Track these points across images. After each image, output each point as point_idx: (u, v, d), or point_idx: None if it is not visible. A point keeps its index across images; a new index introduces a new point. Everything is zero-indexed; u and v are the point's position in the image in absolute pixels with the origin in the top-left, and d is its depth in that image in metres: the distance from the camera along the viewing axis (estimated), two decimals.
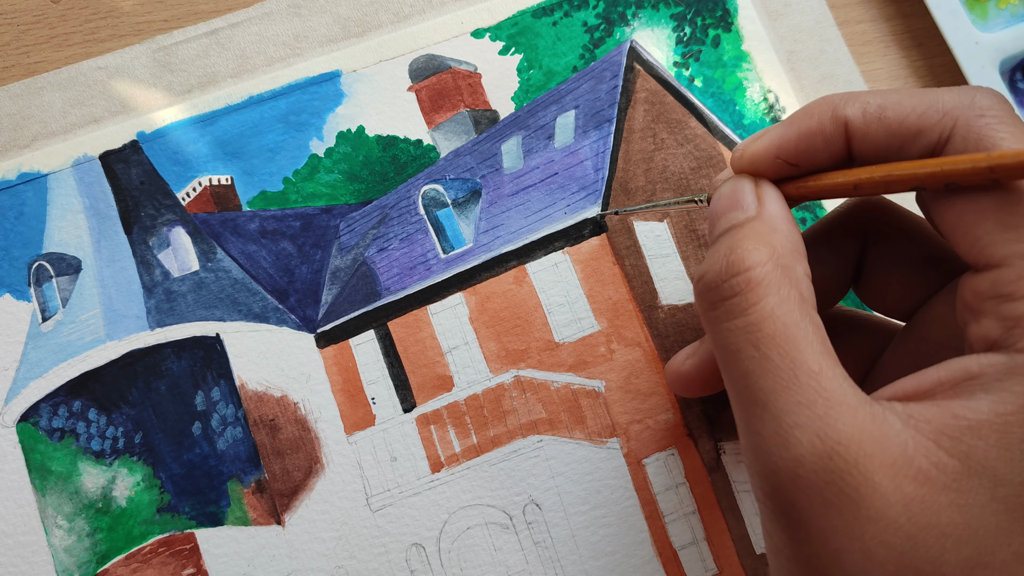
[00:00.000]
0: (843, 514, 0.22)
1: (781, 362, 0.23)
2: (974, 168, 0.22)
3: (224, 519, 0.34)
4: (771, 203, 0.26)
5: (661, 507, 0.35)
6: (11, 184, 0.36)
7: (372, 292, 0.37)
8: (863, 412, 0.22)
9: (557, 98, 0.38)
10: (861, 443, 0.22)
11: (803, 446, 0.22)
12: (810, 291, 0.25)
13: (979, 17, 0.40)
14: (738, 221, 0.26)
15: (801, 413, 0.22)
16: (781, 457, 0.23)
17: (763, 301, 0.24)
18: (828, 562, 0.22)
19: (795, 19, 0.40)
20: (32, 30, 0.38)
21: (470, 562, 0.34)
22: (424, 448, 0.35)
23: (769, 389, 0.23)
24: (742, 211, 0.26)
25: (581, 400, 0.36)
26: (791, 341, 0.23)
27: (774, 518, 0.24)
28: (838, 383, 0.23)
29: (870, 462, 0.22)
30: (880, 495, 0.22)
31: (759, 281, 0.24)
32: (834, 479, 0.22)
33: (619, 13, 0.40)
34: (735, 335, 0.24)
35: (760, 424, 0.23)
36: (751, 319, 0.24)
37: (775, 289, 0.24)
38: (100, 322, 0.35)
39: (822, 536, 0.22)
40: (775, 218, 0.26)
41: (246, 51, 0.38)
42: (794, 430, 0.22)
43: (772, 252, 0.24)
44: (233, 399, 0.35)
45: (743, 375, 0.24)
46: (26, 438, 0.34)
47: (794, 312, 0.23)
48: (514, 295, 0.36)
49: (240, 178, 0.37)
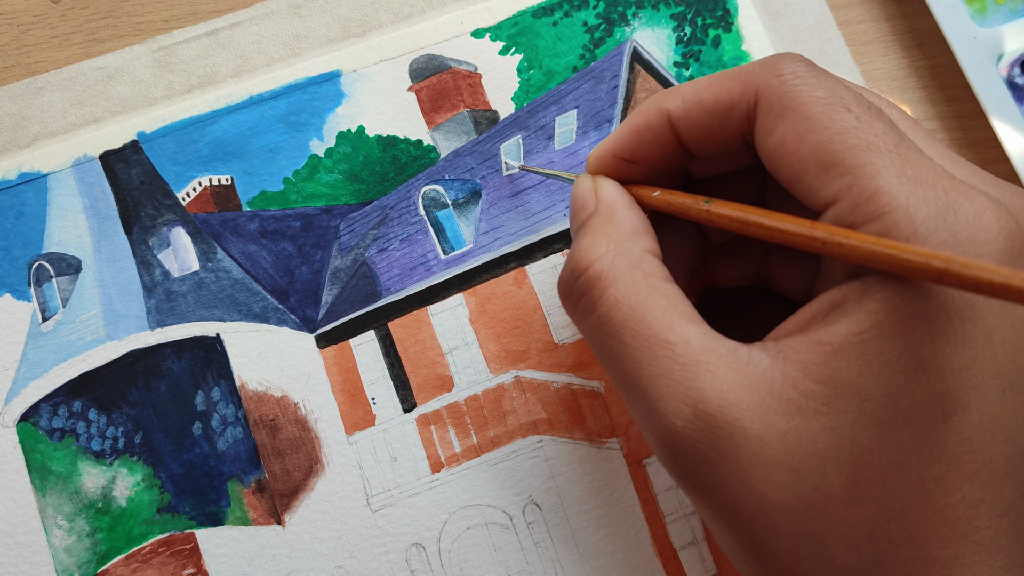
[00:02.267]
0: (725, 465, 0.23)
1: (634, 343, 0.24)
2: (808, 237, 0.23)
3: (224, 519, 0.34)
4: (606, 194, 0.28)
5: (661, 507, 0.35)
6: (11, 184, 0.36)
7: (372, 292, 0.37)
8: (724, 363, 0.23)
9: (557, 98, 0.38)
10: (723, 393, 0.23)
11: (671, 414, 0.23)
12: (654, 264, 0.26)
13: (977, 12, 0.40)
14: (582, 220, 0.28)
15: (662, 384, 0.24)
16: (657, 428, 0.24)
17: (606, 292, 0.25)
18: (729, 512, 0.23)
19: (795, 19, 0.40)
20: (32, 30, 0.38)
21: (470, 562, 0.34)
22: (424, 448, 0.35)
23: (632, 370, 0.24)
24: (584, 210, 0.28)
25: (581, 400, 0.36)
26: (640, 320, 0.24)
27: (679, 484, 0.25)
28: (694, 344, 0.24)
29: (736, 409, 0.23)
30: (754, 436, 0.22)
31: (598, 275, 0.25)
32: (706, 436, 0.23)
33: (619, 13, 0.40)
34: (594, 330, 0.26)
35: (635, 404, 0.25)
36: (600, 312, 0.25)
37: (614, 278, 0.25)
38: (100, 322, 0.35)
39: (716, 491, 0.23)
40: (610, 206, 0.27)
41: (246, 51, 0.38)
42: (660, 401, 0.24)
43: (608, 242, 0.26)
44: (233, 399, 0.35)
45: (610, 364, 0.25)
46: (26, 438, 0.34)
47: (638, 292, 0.25)
48: (514, 296, 0.36)
49: (240, 178, 0.37)
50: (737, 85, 0.26)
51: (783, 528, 0.22)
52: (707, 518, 0.25)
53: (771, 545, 0.23)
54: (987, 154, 0.39)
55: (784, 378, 0.23)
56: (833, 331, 0.23)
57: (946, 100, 0.40)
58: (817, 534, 0.22)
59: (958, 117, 0.40)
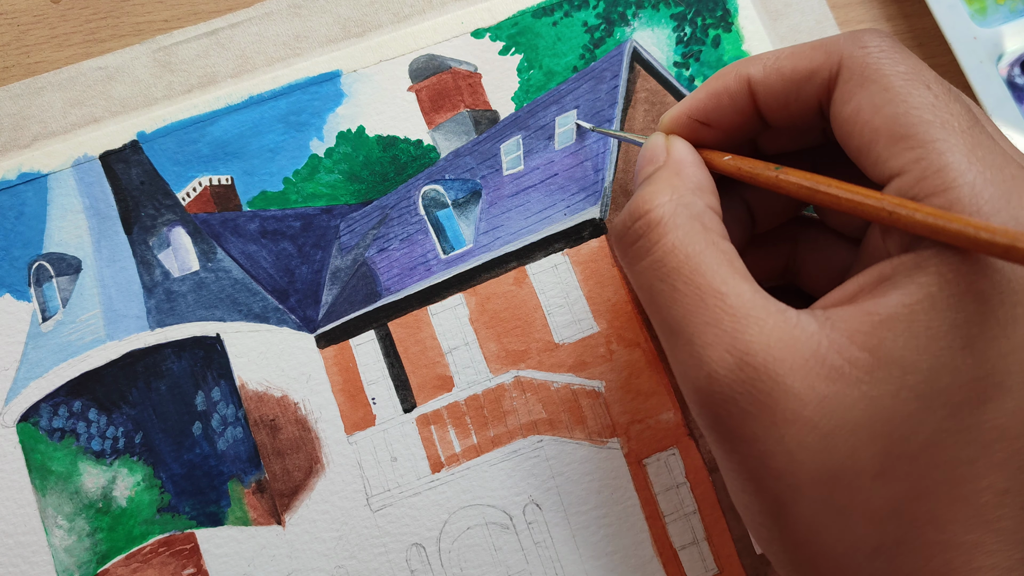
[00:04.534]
0: (761, 419, 0.23)
1: (687, 289, 0.24)
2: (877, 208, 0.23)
3: (224, 519, 0.34)
4: (676, 151, 0.28)
5: (661, 507, 0.35)
6: (11, 184, 0.36)
7: (372, 292, 0.37)
8: (773, 320, 0.23)
9: (557, 98, 0.38)
10: (769, 348, 0.23)
11: (714, 362, 0.23)
12: (714, 221, 0.26)
13: (978, 12, 0.40)
14: (648, 172, 0.28)
15: (709, 332, 0.24)
16: (698, 376, 0.24)
17: (664, 238, 0.25)
18: (756, 467, 0.23)
19: (795, 19, 0.40)
20: (32, 30, 0.38)
21: (470, 562, 0.34)
22: (424, 448, 0.35)
23: (680, 316, 0.24)
24: (653, 163, 0.28)
25: (581, 400, 0.36)
26: (695, 269, 0.24)
27: (709, 436, 0.25)
28: (746, 299, 0.24)
29: (780, 366, 0.23)
30: (793, 396, 0.22)
31: (658, 220, 0.26)
32: (747, 388, 0.23)
33: (619, 13, 0.40)
34: (646, 274, 0.26)
35: (678, 351, 0.25)
36: (655, 256, 0.25)
37: (674, 225, 0.25)
38: (100, 322, 0.35)
39: (746, 444, 0.23)
40: (679, 162, 0.28)
41: (246, 51, 0.38)
42: (705, 349, 0.24)
43: (672, 192, 0.26)
44: (233, 399, 0.35)
45: (658, 309, 0.25)
46: (26, 438, 0.34)
47: (696, 242, 0.25)
48: (514, 296, 0.36)
49: (240, 178, 0.37)
50: (819, 54, 0.26)
51: (807, 493, 0.22)
52: (731, 474, 0.25)
53: (793, 509, 0.23)
54: None
55: (831, 343, 0.23)
56: (883, 302, 0.23)
57: None
58: (840, 504, 0.22)
59: None
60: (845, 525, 0.22)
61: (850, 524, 0.22)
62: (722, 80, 0.28)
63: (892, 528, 0.22)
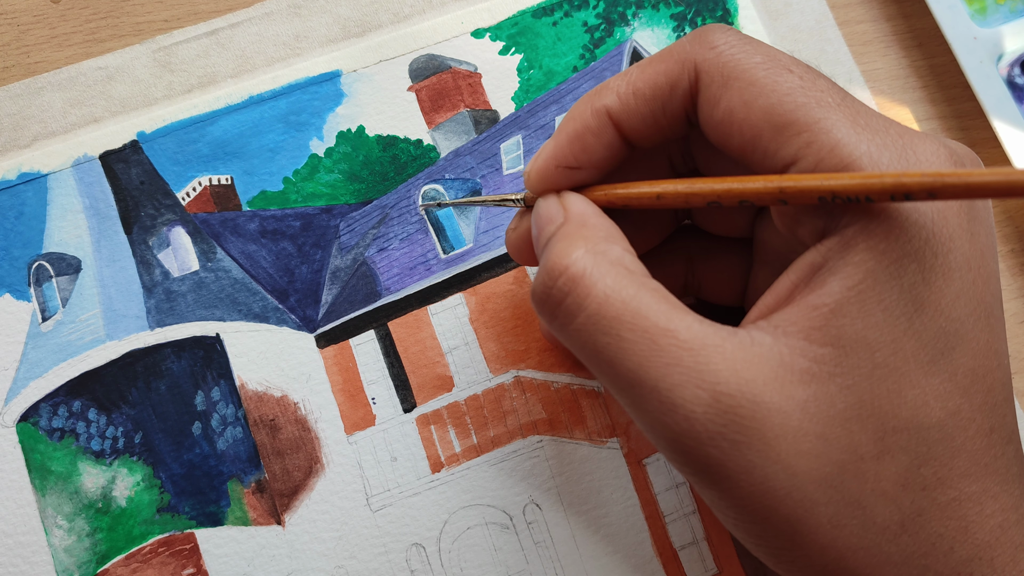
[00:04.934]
0: (752, 445, 0.22)
1: (634, 336, 0.23)
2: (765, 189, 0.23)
3: (224, 519, 0.34)
4: (574, 205, 0.27)
5: (661, 507, 0.35)
6: (11, 184, 0.36)
7: (372, 292, 0.37)
8: (730, 345, 0.23)
9: (557, 98, 0.38)
10: (738, 373, 0.22)
11: (689, 402, 0.22)
12: (635, 262, 0.25)
13: (978, 12, 0.40)
14: (551, 232, 0.26)
15: (673, 373, 0.22)
16: (675, 422, 0.23)
17: (593, 290, 0.24)
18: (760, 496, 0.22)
19: (795, 19, 0.40)
20: (32, 30, 0.38)
21: (470, 562, 0.34)
22: (424, 448, 0.35)
23: (636, 366, 0.23)
24: (552, 222, 0.26)
25: (581, 400, 0.36)
26: (636, 313, 0.23)
27: (700, 482, 0.24)
28: (696, 331, 0.23)
29: (753, 387, 0.22)
30: (776, 411, 0.22)
31: (581, 273, 0.24)
32: (729, 419, 0.22)
33: (619, 13, 0.40)
34: (584, 331, 0.24)
35: (644, 402, 0.23)
36: (590, 311, 0.24)
37: (600, 275, 0.24)
38: (100, 322, 0.35)
39: (745, 475, 0.22)
40: (581, 215, 0.26)
41: (246, 51, 0.38)
42: (675, 391, 0.22)
43: (585, 243, 0.25)
44: (233, 399, 0.35)
45: (608, 365, 0.24)
46: (26, 438, 0.34)
47: (627, 287, 0.24)
48: (514, 296, 0.36)
49: (240, 178, 0.37)
50: (672, 66, 0.25)
51: (819, 499, 0.22)
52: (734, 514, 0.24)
53: (809, 521, 0.22)
54: (987, 154, 0.39)
55: (791, 350, 0.22)
56: (826, 292, 0.22)
57: (946, 100, 0.40)
58: (854, 496, 0.22)
59: (958, 117, 0.40)
60: (864, 515, 0.22)
61: (868, 512, 0.22)
62: (580, 120, 0.27)
63: (907, 502, 0.22)
